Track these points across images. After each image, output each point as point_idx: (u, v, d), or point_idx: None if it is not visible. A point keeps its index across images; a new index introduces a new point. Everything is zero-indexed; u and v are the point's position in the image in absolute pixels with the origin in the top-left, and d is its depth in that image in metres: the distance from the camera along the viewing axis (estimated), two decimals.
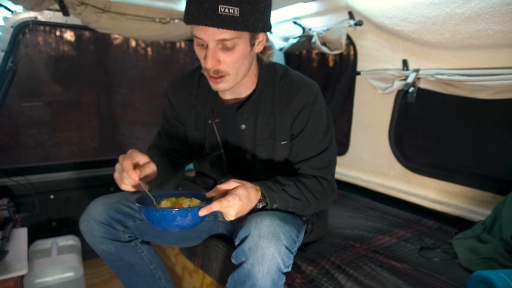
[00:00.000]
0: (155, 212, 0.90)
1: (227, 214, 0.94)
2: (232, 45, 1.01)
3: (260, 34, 1.08)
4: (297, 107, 1.16)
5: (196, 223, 0.92)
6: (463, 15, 1.37)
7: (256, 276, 0.92)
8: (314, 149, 1.18)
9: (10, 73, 1.83)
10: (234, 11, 0.95)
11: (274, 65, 1.23)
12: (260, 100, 1.19)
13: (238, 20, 0.97)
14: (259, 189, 1.03)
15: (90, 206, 1.22)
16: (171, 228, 0.90)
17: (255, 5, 0.99)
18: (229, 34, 0.98)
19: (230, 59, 1.04)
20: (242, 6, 0.96)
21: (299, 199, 1.09)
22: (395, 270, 1.26)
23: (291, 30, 2.17)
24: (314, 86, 1.20)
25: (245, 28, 0.99)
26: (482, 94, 1.46)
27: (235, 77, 1.09)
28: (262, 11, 1.01)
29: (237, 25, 0.97)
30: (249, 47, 1.06)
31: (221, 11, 0.95)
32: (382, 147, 1.99)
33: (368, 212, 1.86)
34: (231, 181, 0.99)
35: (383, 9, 1.63)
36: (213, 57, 1.02)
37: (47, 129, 2.70)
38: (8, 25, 1.76)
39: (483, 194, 1.58)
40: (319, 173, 1.17)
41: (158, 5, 1.91)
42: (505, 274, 0.96)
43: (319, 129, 1.18)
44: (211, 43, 1.00)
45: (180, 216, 0.89)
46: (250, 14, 0.98)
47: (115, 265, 1.30)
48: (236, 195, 0.94)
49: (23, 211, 1.89)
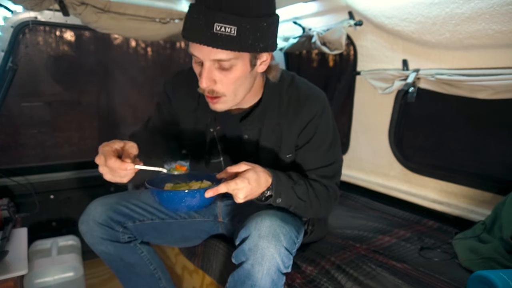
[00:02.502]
0: (163, 193, 0.93)
1: (236, 196, 0.93)
2: (229, 65, 0.95)
3: (264, 54, 1.01)
4: (305, 120, 1.13)
5: (204, 204, 0.94)
6: (463, 15, 1.36)
7: (256, 276, 0.92)
8: (320, 159, 1.16)
9: (10, 73, 1.83)
10: (231, 30, 0.88)
11: (281, 73, 1.18)
12: (266, 111, 1.15)
13: (235, 40, 0.89)
14: (271, 175, 1.00)
15: (89, 207, 1.22)
16: (179, 208, 0.93)
17: (256, 23, 0.92)
18: (225, 55, 0.92)
19: (226, 80, 0.98)
20: (241, 25, 0.89)
21: (304, 201, 1.08)
22: (395, 270, 1.26)
23: (291, 30, 2.17)
24: (322, 97, 1.16)
25: (242, 49, 0.92)
26: (482, 94, 1.45)
27: (233, 98, 1.03)
28: (264, 30, 0.94)
29: (234, 46, 0.90)
30: (249, 68, 1.00)
31: (217, 30, 0.88)
32: (382, 147, 1.99)
33: (368, 212, 1.86)
34: (241, 163, 0.97)
35: (383, 9, 1.63)
36: (208, 77, 0.96)
37: (47, 129, 2.70)
38: (8, 25, 1.76)
39: (483, 194, 1.58)
40: (325, 181, 1.15)
41: (158, 5, 1.91)
42: (505, 274, 0.96)
43: (325, 140, 1.16)
44: (206, 62, 0.95)
45: (187, 197, 0.91)
46: (250, 34, 0.91)
47: (114, 266, 1.30)
48: (245, 178, 0.92)
49: (23, 211, 1.89)
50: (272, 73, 1.13)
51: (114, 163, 0.86)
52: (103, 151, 0.88)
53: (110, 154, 0.87)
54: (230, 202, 1.36)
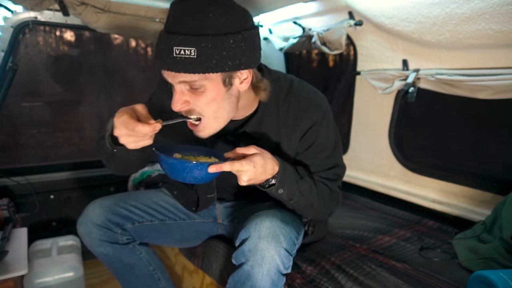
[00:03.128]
0: (168, 160, 0.93)
1: (240, 178, 0.92)
2: (200, 86, 0.91)
3: (244, 71, 0.95)
4: (304, 127, 1.10)
5: (206, 178, 0.94)
6: (463, 15, 1.36)
7: (256, 278, 0.92)
8: (322, 164, 1.14)
9: (10, 73, 1.83)
10: (191, 52, 0.85)
11: (278, 79, 1.12)
12: (262, 121, 1.11)
13: (195, 62, 0.85)
14: (278, 164, 0.99)
15: (88, 209, 1.22)
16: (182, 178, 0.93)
17: (220, 42, 0.86)
18: (189, 77, 0.89)
19: (200, 101, 0.94)
20: (201, 45, 0.85)
21: (306, 198, 1.07)
22: (395, 270, 1.26)
23: (291, 30, 2.17)
24: (323, 103, 1.12)
25: (205, 70, 0.87)
26: (482, 94, 1.45)
27: (214, 121, 0.98)
28: (232, 48, 0.88)
29: (195, 68, 0.86)
30: (224, 88, 0.94)
31: (176, 53, 0.85)
32: (382, 147, 1.98)
33: (368, 212, 1.86)
34: (251, 146, 0.95)
35: (383, 9, 1.63)
36: (179, 100, 0.93)
37: (47, 129, 2.70)
38: (8, 25, 1.76)
39: (483, 194, 1.58)
40: (328, 183, 1.14)
41: (158, 5, 1.91)
42: (505, 274, 0.96)
43: (326, 147, 1.13)
44: (176, 86, 0.93)
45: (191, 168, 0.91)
46: (212, 53, 0.86)
47: (113, 267, 1.30)
48: (251, 161, 0.91)
49: (23, 211, 1.89)
50: (261, 93, 1.06)
51: (143, 128, 0.86)
52: (122, 122, 0.87)
53: (133, 122, 0.87)
54: (230, 204, 1.36)
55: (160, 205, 1.34)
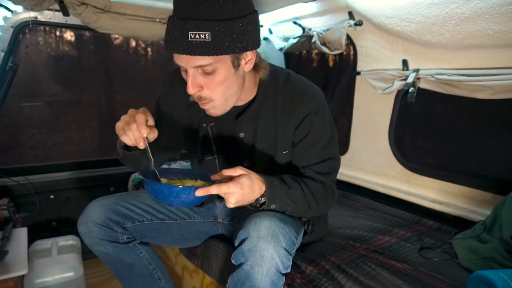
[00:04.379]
0: (155, 186, 0.93)
1: (227, 200, 0.94)
2: (212, 69, 0.97)
3: (248, 53, 1.03)
4: (300, 116, 1.13)
5: (194, 202, 0.95)
6: (463, 15, 1.37)
7: (255, 277, 0.92)
8: (316, 156, 1.15)
9: (10, 73, 1.83)
10: (205, 36, 0.91)
11: (276, 71, 1.18)
12: (261, 109, 1.16)
13: (210, 45, 0.92)
14: (264, 183, 1.01)
15: (88, 208, 1.22)
16: (169, 203, 0.94)
17: (231, 25, 0.94)
18: (204, 60, 0.95)
19: (212, 84, 1.00)
20: (214, 29, 0.91)
21: (301, 204, 1.08)
22: (395, 270, 1.26)
23: (291, 30, 2.17)
24: (318, 94, 1.16)
25: (219, 52, 0.94)
26: (482, 94, 1.45)
27: (223, 102, 1.05)
28: (240, 31, 0.95)
29: (210, 51, 0.93)
30: (233, 69, 1.01)
31: (191, 38, 0.91)
32: (382, 147, 1.99)
33: (368, 212, 1.86)
34: (237, 168, 0.98)
35: (383, 9, 1.63)
36: (194, 83, 0.99)
37: (47, 129, 2.70)
38: (8, 25, 1.76)
39: (483, 194, 1.58)
40: (321, 178, 1.15)
41: (158, 5, 1.91)
42: (505, 274, 0.96)
43: (322, 137, 1.16)
44: (189, 70, 0.98)
45: (178, 192, 0.91)
46: (225, 36, 0.93)
47: (114, 266, 1.30)
48: (238, 183, 0.93)
49: (23, 211, 1.89)
50: (261, 71, 1.14)
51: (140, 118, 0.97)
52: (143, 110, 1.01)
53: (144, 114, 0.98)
54: None
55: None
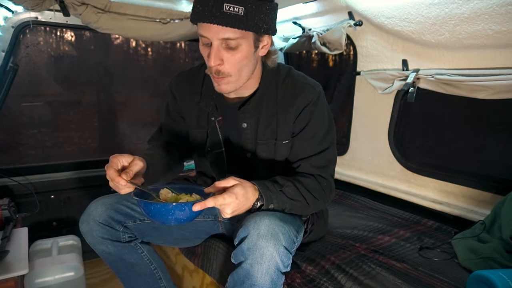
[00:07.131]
0: (151, 206, 0.92)
1: (223, 211, 0.95)
2: (236, 44, 1.02)
3: (265, 37, 1.09)
4: (300, 106, 1.17)
5: (191, 217, 0.95)
6: (462, 15, 1.37)
7: (255, 276, 0.92)
8: (314, 148, 1.18)
9: (10, 73, 1.83)
10: (239, 10, 0.97)
11: (278, 65, 1.24)
12: (263, 100, 1.20)
13: (242, 19, 0.98)
14: (257, 188, 1.03)
15: (90, 207, 1.22)
16: (167, 221, 0.93)
17: (260, 5, 1.00)
18: (233, 33, 1.00)
19: (233, 59, 1.04)
20: (247, 5, 0.97)
21: (298, 200, 1.09)
22: (395, 269, 1.26)
23: (291, 30, 2.18)
24: (317, 87, 1.21)
25: (249, 28, 1.00)
26: (482, 94, 1.46)
27: (237, 79, 1.10)
28: (267, 13, 1.02)
29: (241, 24, 0.98)
30: (253, 49, 1.07)
31: (226, 9, 0.96)
32: (382, 147, 1.99)
33: (368, 212, 1.86)
34: (230, 178, 0.99)
35: (383, 9, 1.63)
36: (216, 56, 1.03)
37: (48, 129, 2.71)
38: (8, 25, 1.76)
39: (483, 194, 1.58)
40: (318, 171, 1.17)
41: (158, 5, 1.91)
42: (504, 274, 0.97)
43: (320, 129, 1.19)
44: (215, 42, 1.02)
45: (175, 210, 0.91)
46: (255, 14, 0.99)
47: (115, 265, 1.30)
48: (232, 193, 0.94)
49: (24, 211, 1.89)
50: (271, 58, 1.19)
51: (112, 174, 0.95)
52: (110, 161, 0.98)
53: (112, 166, 0.97)
54: None
55: None
